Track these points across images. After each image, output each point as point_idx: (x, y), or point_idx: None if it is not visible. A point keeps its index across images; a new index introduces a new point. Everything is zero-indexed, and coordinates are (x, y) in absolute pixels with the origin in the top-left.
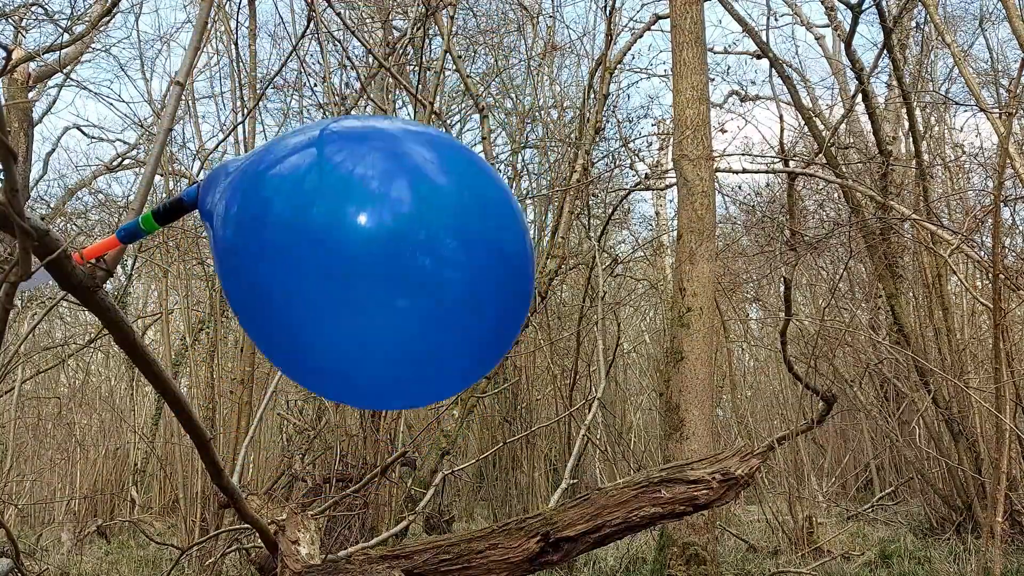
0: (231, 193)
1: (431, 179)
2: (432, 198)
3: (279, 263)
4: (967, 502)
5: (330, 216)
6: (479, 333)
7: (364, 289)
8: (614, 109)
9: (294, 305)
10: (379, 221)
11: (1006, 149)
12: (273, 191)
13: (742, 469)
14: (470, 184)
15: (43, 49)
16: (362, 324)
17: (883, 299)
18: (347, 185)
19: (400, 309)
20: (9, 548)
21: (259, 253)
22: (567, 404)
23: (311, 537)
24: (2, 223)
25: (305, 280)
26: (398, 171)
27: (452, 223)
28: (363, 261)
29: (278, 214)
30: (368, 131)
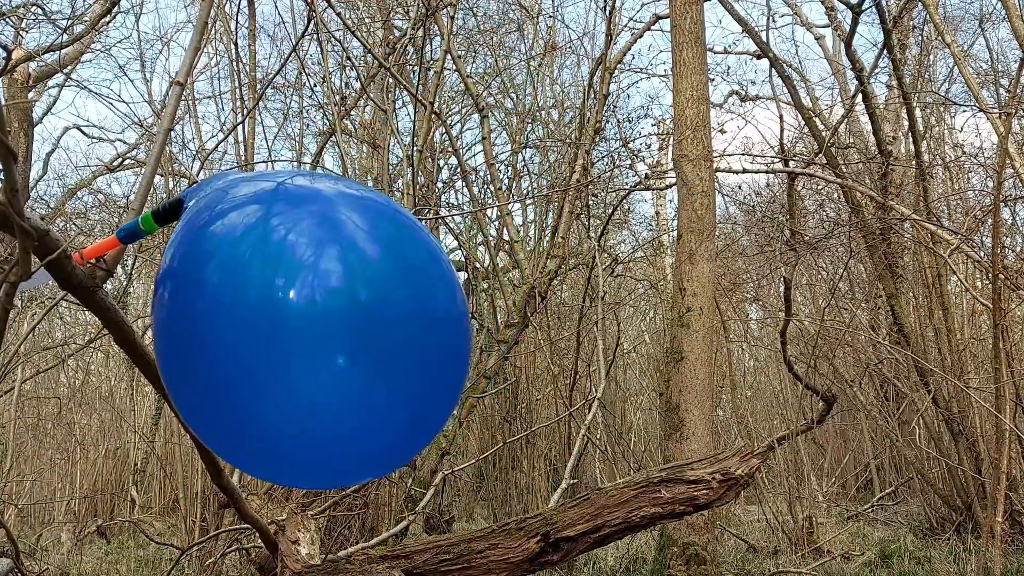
0: (181, 235)
1: (360, 248)
2: (360, 268)
3: (206, 323)
4: (967, 502)
5: (260, 285)
6: (409, 400)
7: (287, 359)
8: (614, 109)
9: (217, 366)
10: (308, 295)
11: (1006, 149)
12: (212, 247)
13: (742, 469)
14: (399, 250)
15: (43, 49)
16: (282, 397)
17: (883, 299)
18: (280, 254)
19: (327, 379)
20: (9, 548)
21: (190, 311)
22: (567, 404)
23: (311, 537)
24: (2, 223)
25: (229, 343)
26: (330, 240)
27: (380, 295)
28: (290, 333)
29: (212, 275)
30: (310, 194)
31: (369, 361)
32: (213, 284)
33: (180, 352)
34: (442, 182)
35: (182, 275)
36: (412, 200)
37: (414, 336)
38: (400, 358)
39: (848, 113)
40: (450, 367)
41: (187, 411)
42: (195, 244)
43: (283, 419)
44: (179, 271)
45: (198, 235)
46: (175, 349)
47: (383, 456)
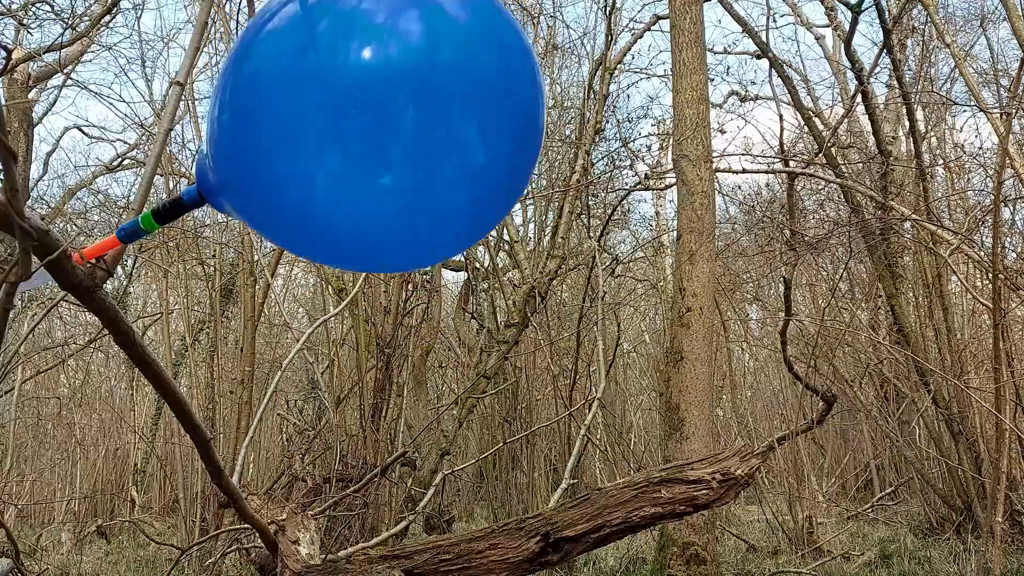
0: (219, 91)
1: (446, 12)
2: (446, 33)
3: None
4: (967, 502)
5: (331, 52)
6: (486, 170)
7: (365, 125)
8: (614, 109)
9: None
10: (385, 56)
11: (1006, 149)
12: (266, 49)
13: (742, 469)
14: (489, 24)
15: (43, 49)
16: (360, 163)
17: (883, 299)
18: (351, 18)
19: (403, 143)
20: (9, 548)
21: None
22: (567, 404)
23: (311, 537)
24: (2, 223)
25: (306, 117)
26: (408, 3)
27: (464, 62)
28: (368, 97)
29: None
30: None
31: (457, 119)
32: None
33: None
34: None
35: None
36: None
37: (499, 101)
38: (486, 119)
39: (848, 113)
40: (530, 140)
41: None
42: (262, 28)
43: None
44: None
45: (265, 22)
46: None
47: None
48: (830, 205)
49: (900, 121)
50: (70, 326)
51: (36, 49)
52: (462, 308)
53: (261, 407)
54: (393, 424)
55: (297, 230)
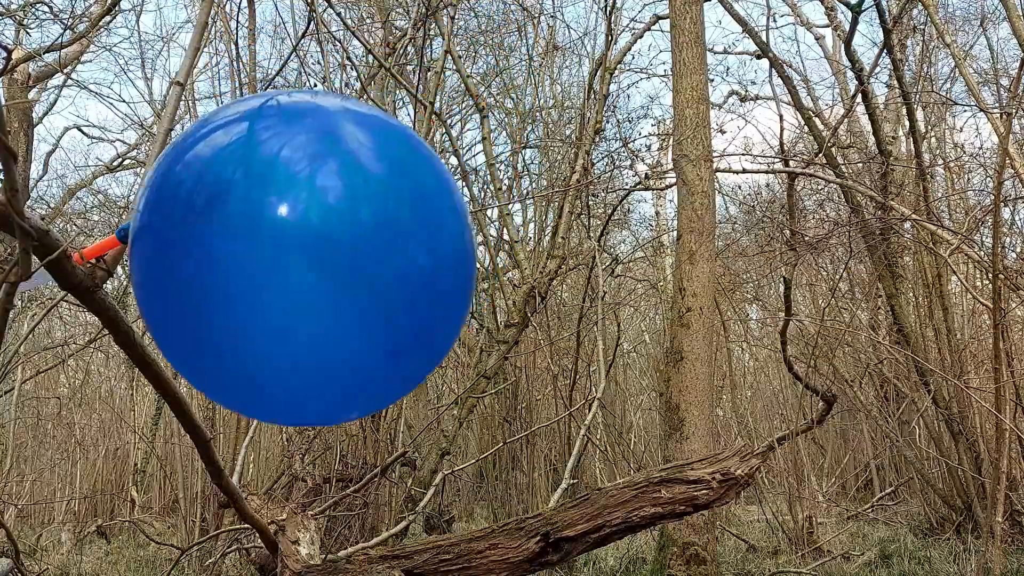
0: (155, 171)
1: (363, 166)
2: (362, 188)
3: (193, 251)
4: (967, 502)
5: (249, 203)
6: (405, 335)
7: (280, 283)
8: (614, 109)
9: (205, 293)
10: (301, 213)
11: (1006, 149)
12: (194, 170)
13: (742, 469)
14: (405, 173)
15: (43, 49)
16: (276, 320)
17: (883, 299)
18: (271, 169)
19: (319, 306)
20: (9, 548)
21: (175, 239)
22: (567, 404)
23: (311, 537)
24: (2, 223)
25: (221, 271)
26: (329, 155)
27: (381, 218)
28: (282, 253)
29: (193, 199)
30: (307, 108)
31: (364, 287)
32: (198, 208)
33: (169, 286)
34: None
35: (161, 199)
36: None
37: (416, 266)
38: (397, 287)
39: (848, 113)
40: (451, 305)
41: (178, 353)
42: (175, 165)
43: (273, 340)
44: (157, 196)
45: (178, 157)
46: (159, 283)
47: (366, 391)
48: (830, 205)
49: (900, 121)
50: (70, 326)
51: (36, 49)
52: None
53: None
54: (393, 424)
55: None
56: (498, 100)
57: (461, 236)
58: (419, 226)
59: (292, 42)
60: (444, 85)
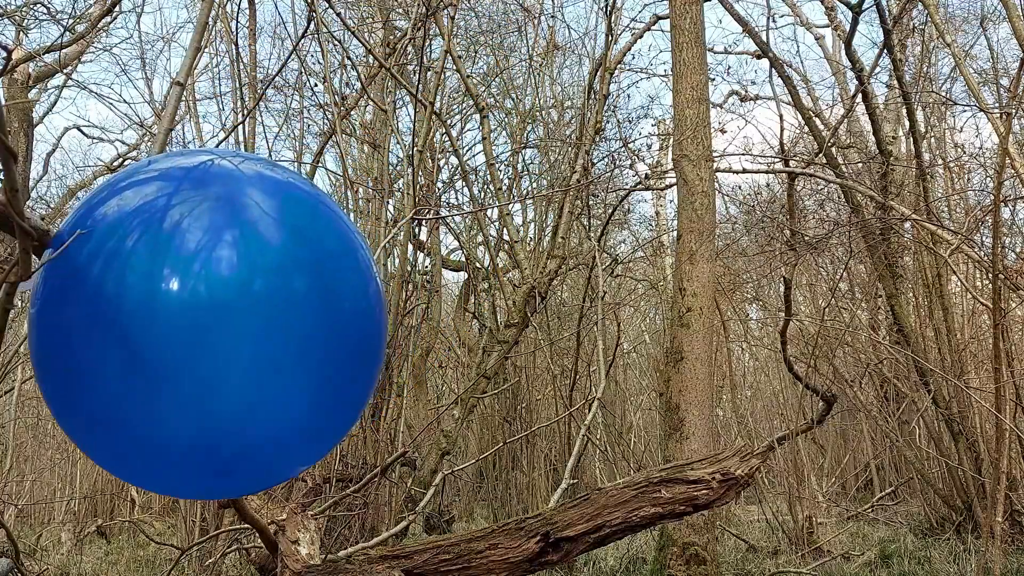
0: (69, 223)
1: (261, 235)
2: (258, 258)
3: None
4: (967, 502)
5: (149, 275)
6: (316, 395)
7: (177, 358)
8: (614, 109)
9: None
10: (193, 288)
11: (1006, 149)
12: (100, 231)
13: (742, 469)
14: (306, 238)
15: (43, 49)
16: (177, 387)
17: (883, 299)
18: (169, 241)
19: (221, 375)
20: (9, 548)
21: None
22: (567, 404)
23: (311, 537)
24: (2, 223)
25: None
26: (228, 226)
27: (279, 284)
28: (179, 325)
29: (90, 267)
30: (212, 174)
31: (266, 351)
32: (94, 276)
33: (56, 358)
34: (442, 182)
35: (62, 262)
36: (412, 200)
37: (316, 328)
38: (300, 349)
39: (848, 113)
40: (357, 361)
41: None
42: (80, 225)
43: (174, 411)
44: (60, 259)
45: (84, 216)
46: (50, 357)
47: (280, 458)
48: (830, 205)
49: (900, 121)
50: None
51: (36, 49)
52: (462, 308)
53: None
54: (393, 424)
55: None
56: (498, 100)
57: (364, 295)
58: (314, 293)
59: (292, 42)
60: (444, 85)
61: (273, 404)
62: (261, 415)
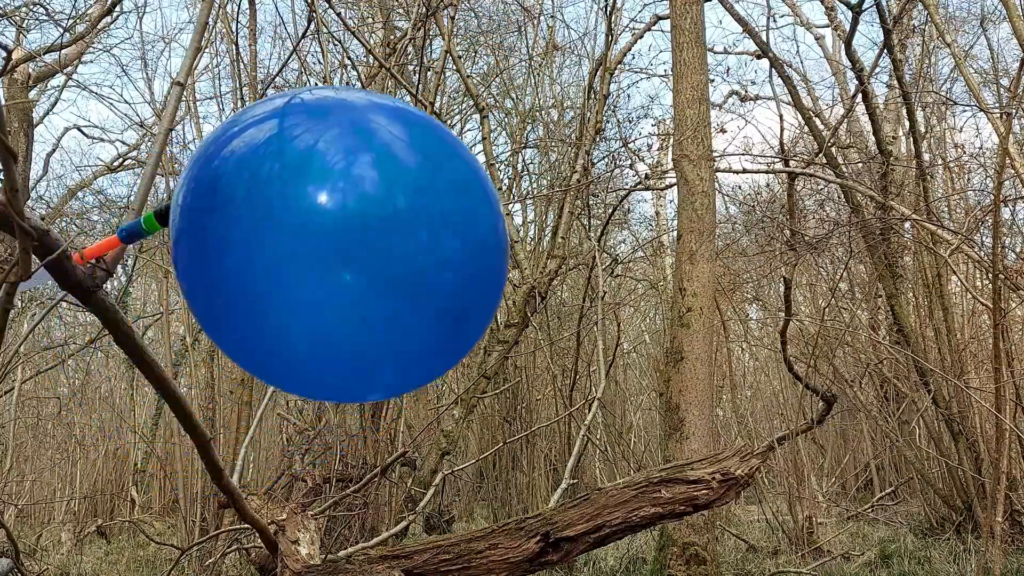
0: (190, 169)
1: (398, 158)
2: (398, 178)
3: (234, 246)
4: (967, 502)
5: (287, 196)
6: (444, 320)
7: (321, 270)
8: (614, 109)
9: (250, 286)
10: (340, 201)
11: (1006, 149)
12: (229, 166)
13: (742, 469)
14: (440, 164)
15: (43, 49)
16: (318, 306)
17: (883, 299)
18: (307, 162)
19: (358, 291)
20: (9, 548)
21: (214, 237)
22: (567, 404)
23: (311, 537)
24: (2, 223)
25: (262, 260)
26: (363, 148)
27: (418, 204)
28: (322, 242)
29: (232, 194)
30: (335, 103)
31: (403, 276)
32: (237, 201)
33: (212, 280)
34: None
35: (200, 195)
36: None
37: (454, 251)
38: (435, 276)
39: (848, 113)
40: (486, 293)
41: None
42: (209, 166)
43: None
44: (196, 193)
45: (211, 157)
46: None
47: (400, 374)
48: (830, 205)
49: (900, 121)
50: (70, 326)
51: (36, 50)
52: None
53: (261, 407)
54: (393, 424)
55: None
56: (498, 100)
57: (495, 230)
58: (455, 214)
59: (292, 42)
60: (444, 85)
61: (411, 316)
62: (400, 326)
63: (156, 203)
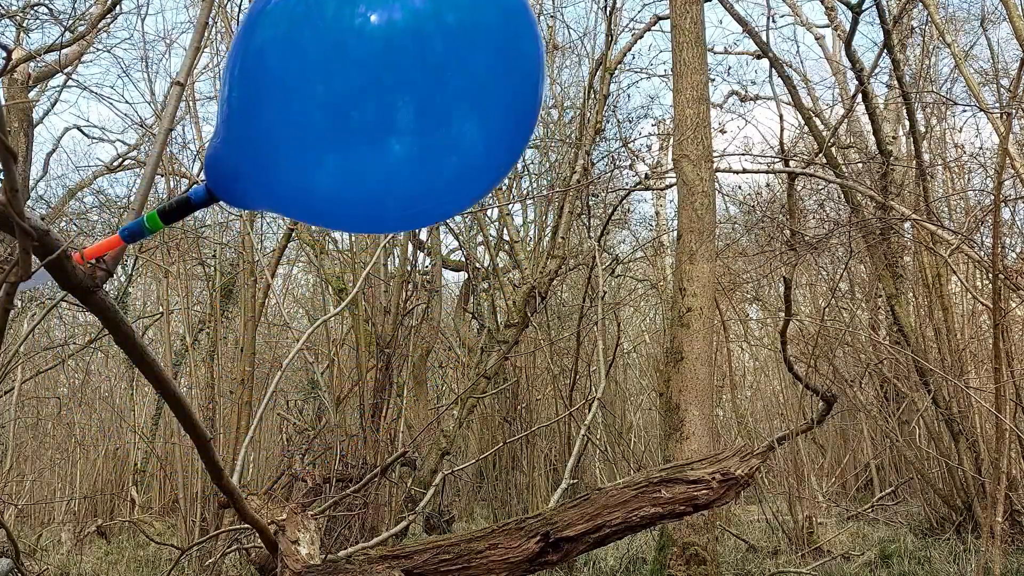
0: (229, 69)
1: None
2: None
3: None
4: (967, 502)
5: (338, 12)
6: (484, 133)
7: (370, 80)
8: (614, 109)
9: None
10: (388, 19)
11: (1006, 149)
12: (269, 20)
13: (742, 469)
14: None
15: (43, 49)
16: (365, 122)
17: (883, 299)
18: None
19: (402, 107)
20: (9, 548)
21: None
22: (567, 404)
23: (311, 537)
24: (2, 223)
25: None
26: None
27: (471, 20)
28: (371, 53)
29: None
30: None
31: (457, 83)
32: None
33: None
34: None
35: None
36: None
37: (500, 68)
38: (487, 86)
39: (848, 113)
40: (526, 111)
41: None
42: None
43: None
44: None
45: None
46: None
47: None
48: (830, 205)
49: (900, 121)
50: (70, 326)
51: (36, 49)
52: (462, 308)
53: (261, 407)
54: (393, 424)
55: (312, 205)
56: None
57: (536, 56)
58: (502, 35)
59: None
60: None
61: (461, 133)
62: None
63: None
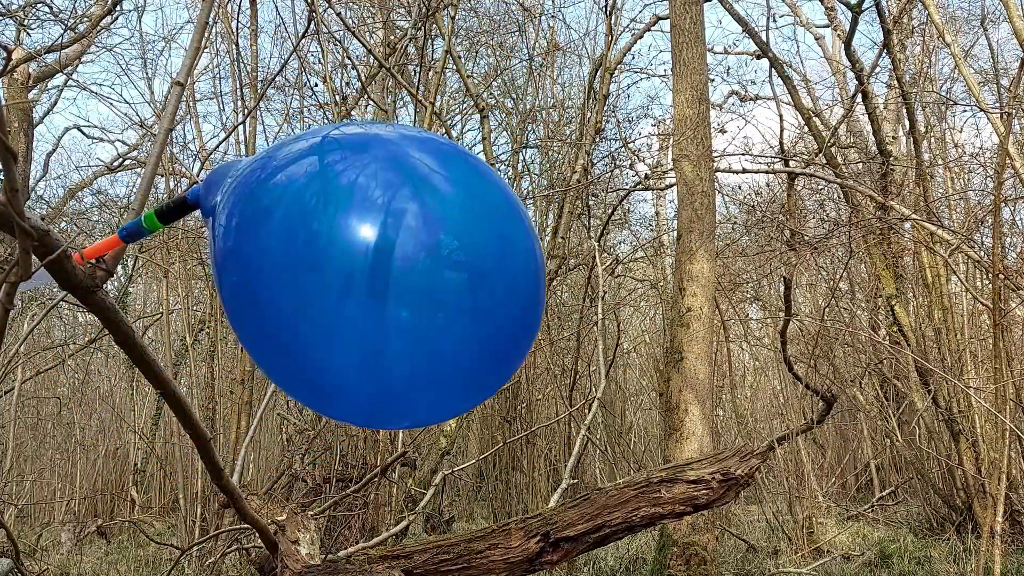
0: (233, 201)
1: (437, 189)
2: (439, 209)
3: (278, 277)
4: (967, 502)
5: (332, 230)
6: (489, 342)
7: (365, 303)
8: (614, 109)
9: (292, 318)
10: (383, 234)
11: (1006, 149)
12: (273, 202)
13: (742, 469)
14: (476, 193)
15: (43, 49)
16: (361, 339)
17: (883, 299)
18: (349, 196)
19: (401, 324)
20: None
21: (259, 267)
22: (567, 404)
23: (311, 537)
24: (2, 223)
25: (304, 294)
26: (402, 182)
27: (459, 233)
28: (365, 275)
29: (278, 227)
30: (370, 139)
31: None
32: (279, 237)
33: (259, 308)
34: None
35: (245, 238)
36: None
37: (497, 282)
38: (483, 304)
39: (848, 113)
40: (528, 315)
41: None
42: (253, 202)
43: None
44: (241, 238)
45: (254, 193)
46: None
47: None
48: (830, 205)
49: (900, 121)
50: (70, 326)
51: (36, 49)
52: None
53: (261, 407)
54: None
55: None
56: (498, 100)
57: (534, 253)
58: (494, 245)
59: (293, 42)
60: (444, 85)
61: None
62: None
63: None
